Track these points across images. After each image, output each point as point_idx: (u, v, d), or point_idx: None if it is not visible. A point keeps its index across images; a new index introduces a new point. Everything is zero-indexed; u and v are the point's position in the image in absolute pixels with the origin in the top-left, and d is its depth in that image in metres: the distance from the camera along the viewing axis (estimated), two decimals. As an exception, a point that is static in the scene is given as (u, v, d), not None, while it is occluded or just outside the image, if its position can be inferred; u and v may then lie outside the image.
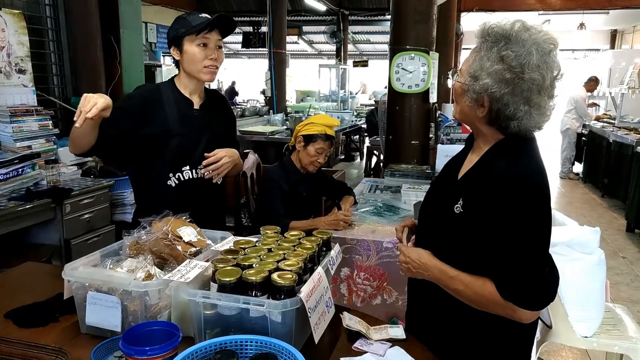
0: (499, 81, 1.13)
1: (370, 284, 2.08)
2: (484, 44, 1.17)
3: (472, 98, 1.18)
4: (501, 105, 1.15)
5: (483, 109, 1.18)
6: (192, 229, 1.54)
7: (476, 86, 1.16)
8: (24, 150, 2.97)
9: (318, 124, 2.39)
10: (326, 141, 2.40)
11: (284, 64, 8.38)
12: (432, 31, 3.28)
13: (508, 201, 1.12)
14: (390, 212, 2.47)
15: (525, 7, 9.02)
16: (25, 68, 3.28)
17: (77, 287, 1.27)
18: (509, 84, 1.13)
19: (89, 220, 2.99)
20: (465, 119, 1.27)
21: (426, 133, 3.47)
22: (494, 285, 1.13)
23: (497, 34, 1.15)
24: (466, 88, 1.19)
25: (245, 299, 1.12)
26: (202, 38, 1.74)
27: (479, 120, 1.22)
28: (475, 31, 1.20)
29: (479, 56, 1.17)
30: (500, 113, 1.16)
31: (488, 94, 1.15)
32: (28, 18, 3.33)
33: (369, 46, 16.72)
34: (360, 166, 8.54)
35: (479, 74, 1.15)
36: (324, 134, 2.39)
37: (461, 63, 1.27)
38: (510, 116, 1.15)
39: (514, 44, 1.12)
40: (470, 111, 1.22)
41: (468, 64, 1.20)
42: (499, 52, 1.13)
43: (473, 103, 1.19)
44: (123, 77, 4.03)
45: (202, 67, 1.77)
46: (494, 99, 1.15)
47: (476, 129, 1.27)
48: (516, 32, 1.13)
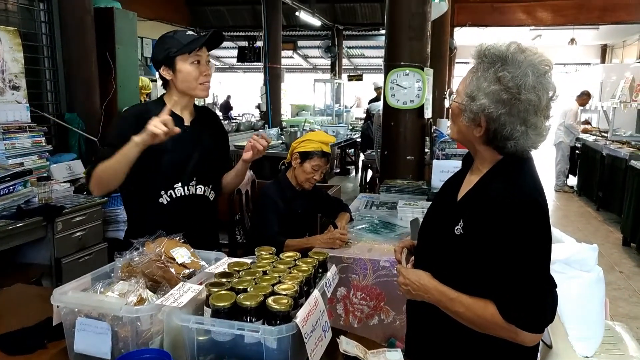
0: (496, 102, 1.14)
1: (367, 304, 2.05)
2: (481, 65, 1.18)
3: (469, 118, 1.19)
4: (498, 126, 1.15)
5: (480, 128, 1.19)
6: (186, 250, 1.51)
7: (473, 106, 1.16)
8: (16, 168, 2.93)
9: (314, 141, 2.38)
10: (322, 158, 2.39)
11: (279, 79, 8.40)
12: (427, 47, 3.30)
13: (508, 222, 1.12)
14: (387, 229, 2.45)
15: (517, 23, 9.13)
16: (19, 84, 3.26)
17: (66, 312, 1.23)
18: (506, 104, 1.13)
19: (81, 238, 2.95)
20: (462, 139, 1.27)
21: (421, 148, 3.47)
22: (496, 307, 1.12)
23: (493, 55, 1.16)
24: (463, 108, 1.20)
25: (239, 325, 1.09)
26: (195, 56, 1.74)
27: (476, 140, 1.22)
28: (472, 52, 1.21)
29: (475, 76, 1.18)
30: (497, 133, 1.16)
31: (485, 114, 1.15)
32: (23, 35, 3.32)
33: (364, 60, 16.84)
34: (355, 180, 8.54)
35: (475, 94, 1.16)
36: (320, 150, 2.38)
37: (458, 83, 1.28)
38: (507, 136, 1.16)
39: (510, 65, 1.13)
40: (467, 131, 1.22)
41: (465, 84, 1.21)
42: (495, 72, 1.14)
43: (470, 123, 1.20)
44: (118, 92, 4.03)
45: (197, 84, 1.76)
46: (491, 119, 1.15)
47: (474, 149, 1.27)
48: (512, 54, 1.14)
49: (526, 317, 1.10)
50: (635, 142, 6.19)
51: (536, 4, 8.99)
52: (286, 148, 6.14)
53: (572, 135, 7.44)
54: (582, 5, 8.80)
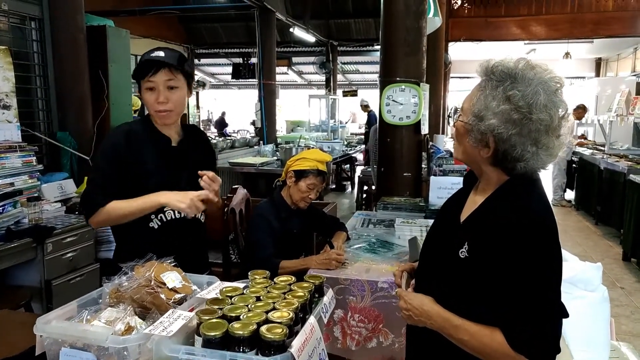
0: (506, 122, 1.09)
1: (365, 326, 1.99)
2: (489, 82, 1.12)
3: (477, 138, 1.14)
4: (508, 147, 1.10)
5: (488, 149, 1.14)
6: (177, 274, 1.45)
7: (481, 126, 1.11)
8: (5, 188, 2.88)
9: (310, 159, 2.33)
10: (318, 177, 2.34)
11: (273, 95, 8.41)
12: (422, 63, 3.29)
13: (517, 246, 1.06)
14: (385, 248, 2.40)
15: (511, 37, 9.22)
16: (10, 104, 3.22)
17: (49, 342, 1.17)
18: (517, 124, 1.08)
19: (72, 259, 2.88)
20: (468, 160, 1.22)
21: (418, 165, 3.44)
22: (504, 336, 1.06)
23: (502, 72, 1.10)
24: (469, 128, 1.14)
25: (232, 355, 1.04)
26: (148, 82, 1.65)
27: (483, 161, 1.17)
28: (478, 68, 1.16)
29: (483, 95, 1.12)
30: (507, 154, 1.11)
31: (494, 134, 1.10)
32: (14, 53, 3.29)
33: (358, 76, 16.95)
34: (351, 196, 8.50)
35: (484, 114, 1.11)
36: (316, 169, 2.33)
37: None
38: (518, 157, 1.10)
39: (520, 83, 1.08)
40: (473, 151, 1.17)
41: (471, 103, 1.15)
42: (505, 91, 1.09)
43: (477, 143, 1.14)
44: (111, 111, 3.99)
45: (152, 112, 1.69)
46: (501, 140, 1.10)
47: (479, 170, 1.22)
48: (522, 71, 1.09)
49: (537, 347, 1.05)
50: (633, 156, 6.19)
51: (530, 18, 9.10)
52: (281, 165, 6.10)
53: (568, 150, 7.44)
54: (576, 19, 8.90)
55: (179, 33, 12.23)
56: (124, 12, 8.11)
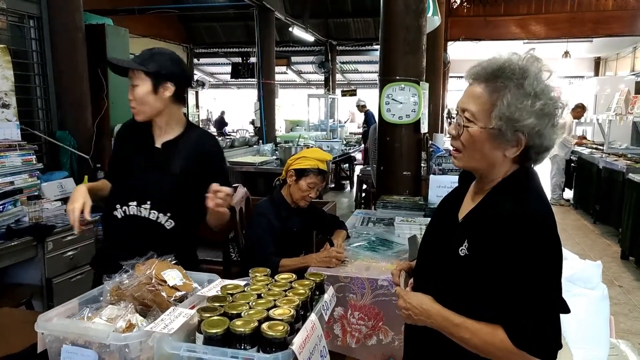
0: (543, 116, 1.10)
1: (365, 324, 1.99)
2: (510, 82, 1.10)
3: (507, 140, 1.12)
4: (543, 140, 1.12)
5: (517, 148, 1.13)
6: (178, 272, 1.46)
7: (517, 127, 1.10)
8: (5, 187, 2.88)
9: (310, 158, 2.34)
10: (318, 176, 2.35)
11: (273, 94, 8.40)
12: (422, 61, 3.29)
13: (520, 243, 1.06)
14: (384, 246, 2.40)
15: (511, 36, 9.22)
16: (9, 102, 3.22)
17: (50, 340, 1.18)
18: (550, 116, 1.11)
19: (73, 257, 2.89)
20: (482, 165, 1.18)
21: (418, 163, 3.44)
22: (505, 333, 1.06)
23: (520, 69, 1.11)
24: (495, 132, 1.11)
25: (233, 353, 1.04)
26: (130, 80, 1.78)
27: (502, 161, 1.16)
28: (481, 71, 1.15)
29: (510, 95, 1.10)
30: (541, 147, 1.13)
31: (533, 132, 1.10)
32: (13, 52, 3.29)
33: (357, 75, 16.95)
34: (350, 195, 8.50)
35: (519, 115, 1.09)
36: (317, 168, 2.34)
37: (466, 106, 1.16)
38: (548, 147, 1.14)
39: (537, 78, 1.11)
40: (494, 155, 1.15)
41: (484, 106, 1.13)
42: (532, 87, 1.09)
43: (505, 145, 1.13)
44: (110, 109, 3.99)
45: None
46: (538, 136, 1.11)
47: (489, 171, 1.19)
48: (530, 64, 1.12)
49: (539, 343, 1.04)
50: (632, 155, 6.20)
51: (529, 17, 9.10)
52: (280, 164, 6.11)
53: (567, 149, 7.45)
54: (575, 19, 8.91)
55: (178, 32, 12.21)
56: (122, 11, 8.10)
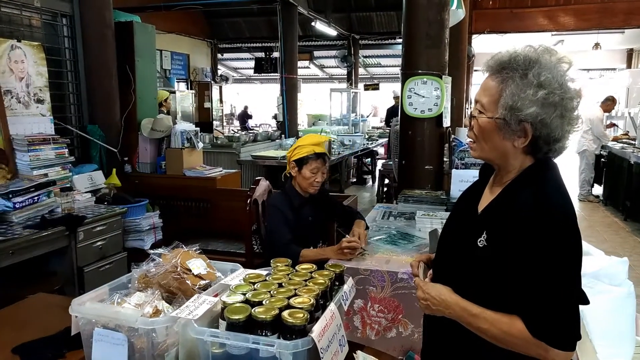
0: (548, 106, 1.10)
1: (384, 316, 2.02)
2: (514, 73, 1.13)
3: (512, 130, 1.14)
4: (550, 130, 1.12)
5: (524, 139, 1.15)
6: (202, 261, 1.51)
7: (520, 116, 1.12)
8: (40, 178, 3.00)
9: (305, 145, 2.39)
10: (318, 159, 2.39)
11: (295, 89, 8.45)
12: (445, 55, 3.27)
13: (536, 233, 1.07)
14: (405, 240, 2.41)
15: (538, 28, 8.99)
16: (44, 98, 3.34)
17: (84, 322, 1.24)
18: (557, 106, 1.11)
19: (102, 247, 2.99)
20: (496, 155, 1.20)
21: (440, 158, 3.42)
22: (523, 323, 1.07)
23: (525, 60, 1.12)
24: (501, 122, 1.14)
25: (254, 339, 1.08)
26: None
27: (514, 152, 1.18)
28: (493, 64, 1.17)
29: (512, 86, 1.12)
30: (549, 138, 1.13)
31: (536, 122, 1.11)
32: (47, 49, 3.40)
33: (380, 69, 16.83)
34: (372, 190, 8.49)
35: (520, 104, 1.11)
36: (314, 153, 2.37)
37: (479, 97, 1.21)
38: (558, 138, 1.14)
39: (544, 68, 1.11)
40: (504, 144, 1.17)
41: (493, 97, 1.16)
42: (535, 77, 1.11)
43: (512, 135, 1.15)
44: (137, 104, 4.09)
45: None
46: (543, 125, 1.12)
47: (504, 162, 1.21)
48: (542, 56, 1.12)
49: (558, 333, 1.05)
50: (664, 150, 6.02)
51: (558, 8, 8.85)
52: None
53: (599, 143, 7.26)
54: (606, 9, 8.61)
55: (202, 28, 12.37)
56: (149, 8, 8.24)
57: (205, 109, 11.13)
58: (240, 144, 6.59)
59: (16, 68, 3.13)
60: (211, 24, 12.60)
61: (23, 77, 3.18)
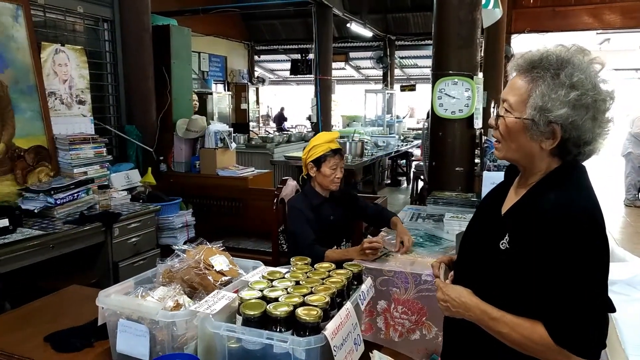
0: (579, 107, 1.08)
1: (408, 318, 2.00)
2: (546, 73, 1.11)
3: (541, 131, 1.11)
4: (581, 132, 1.09)
5: (553, 140, 1.12)
6: (224, 258, 1.55)
7: (550, 117, 1.09)
8: (80, 176, 3.13)
9: (320, 144, 2.41)
10: (335, 155, 2.41)
11: (329, 90, 8.46)
12: (476, 55, 3.21)
13: (561, 237, 1.04)
14: (432, 242, 2.39)
15: (583, 27, 8.66)
16: (85, 99, 3.49)
17: (109, 314, 1.30)
18: (590, 108, 1.08)
19: (136, 243, 3.09)
20: (521, 156, 1.18)
21: (471, 160, 3.36)
22: (545, 329, 1.05)
23: (557, 60, 1.10)
24: (529, 123, 1.12)
25: (268, 334, 1.10)
26: None
27: (541, 153, 1.15)
28: (522, 62, 1.15)
29: (543, 86, 1.10)
30: (579, 140, 1.10)
31: (567, 123, 1.09)
32: (89, 53, 3.55)
33: (417, 70, 16.64)
34: (407, 192, 8.40)
35: (551, 105, 1.08)
36: (330, 150, 2.40)
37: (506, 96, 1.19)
38: (589, 141, 1.11)
39: (577, 68, 1.08)
40: (531, 145, 1.14)
41: (522, 97, 1.13)
42: (568, 78, 1.08)
43: (539, 136, 1.12)
44: (173, 105, 4.21)
45: None
46: (574, 127, 1.09)
47: (530, 163, 1.18)
48: (574, 56, 1.10)
49: (581, 341, 1.02)
50: None
51: (603, 6, 8.51)
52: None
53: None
54: (655, 6, 8.23)
55: (240, 30, 12.58)
56: (188, 12, 8.45)
57: (242, 110, 11.31)
58: (274, 144, 6.68)
59: (60, 71, 3.28)
60: (248, 26, 12.81)
61: (66, 79, 3.34)
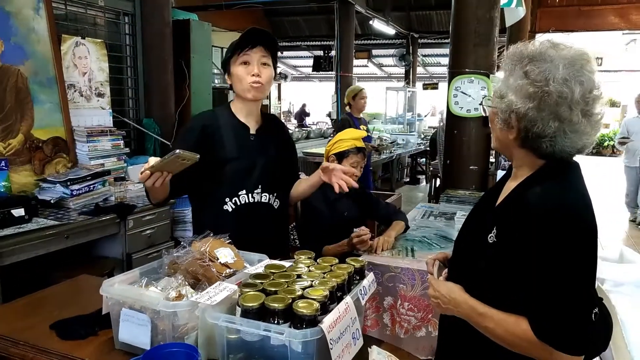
0: (523, 96, 1.09)
1: (414, 315, 1.99)
2: (510, 65, 1.14)
3: (501, 119, 1.15)
4: (527, 123, 1.09)
5: (513, 130, 1.14)
6: (230, 250, 1.55)
7: (502, 105, 1.13)
8: (97, 168, 3.18)
9: (347, 139, 2.39)
10: (359, 154, 2.40)
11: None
12: (493, 54, 3.16)
13: (544, 230, 1.03)
14: (442, 244, 2.35)
15: (608, 27, 8.44)
16: (104, 92, 3.55)
17: (112, 303, 1.32)
18: (533, 98, 1.07)
19: (150, 236, 3.13)
20: (501, 146, 1.22)
21: (486, 158, 3.32)
22: (529, 324, 1.04)
23: (521, 53, 1.12)
24: (495, 110, 1.17)
25: (266, 326, 1.10)
26: (244, 56, 1.74)
27: (512, 145, 1.17)
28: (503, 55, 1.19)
29: (505, 76, 1.15)
30: (528, 131, 1.10)
31: (514, 111, 1.10)
32: (109, 46, 3.61)
33: (439, 69, 16.46)
34: (425, 190, 8.35)
35: (504, 93, 1.13)
36: (355, 147, 2.39)
37: None
38: (540, 133, 1.09)
39: (538, 61, 1.09)
40: (503, 136, 1.18)
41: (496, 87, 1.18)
42: (522, 68, 1.10)
43: (503, 125, 1.15)
44: (191, 99, 4.25)
45: (246, 85, 1.74)
46: (521, 117, 1.10)
47: (510, 155, 1.22)
48: (540, 50, 1.10)
49: (562, 336, 1.00)
50: None
51: (631, 5, 8.27)
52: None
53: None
54: (683, 7, 7.97)
55: (262, 26, 12.50)
56: (211, 7, 8.52)
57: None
58: (293, 140, 6.70)
59: (80, 63, 3.35)
60: (271, 22, 12.84)
61: (86, 72, 3.40)
